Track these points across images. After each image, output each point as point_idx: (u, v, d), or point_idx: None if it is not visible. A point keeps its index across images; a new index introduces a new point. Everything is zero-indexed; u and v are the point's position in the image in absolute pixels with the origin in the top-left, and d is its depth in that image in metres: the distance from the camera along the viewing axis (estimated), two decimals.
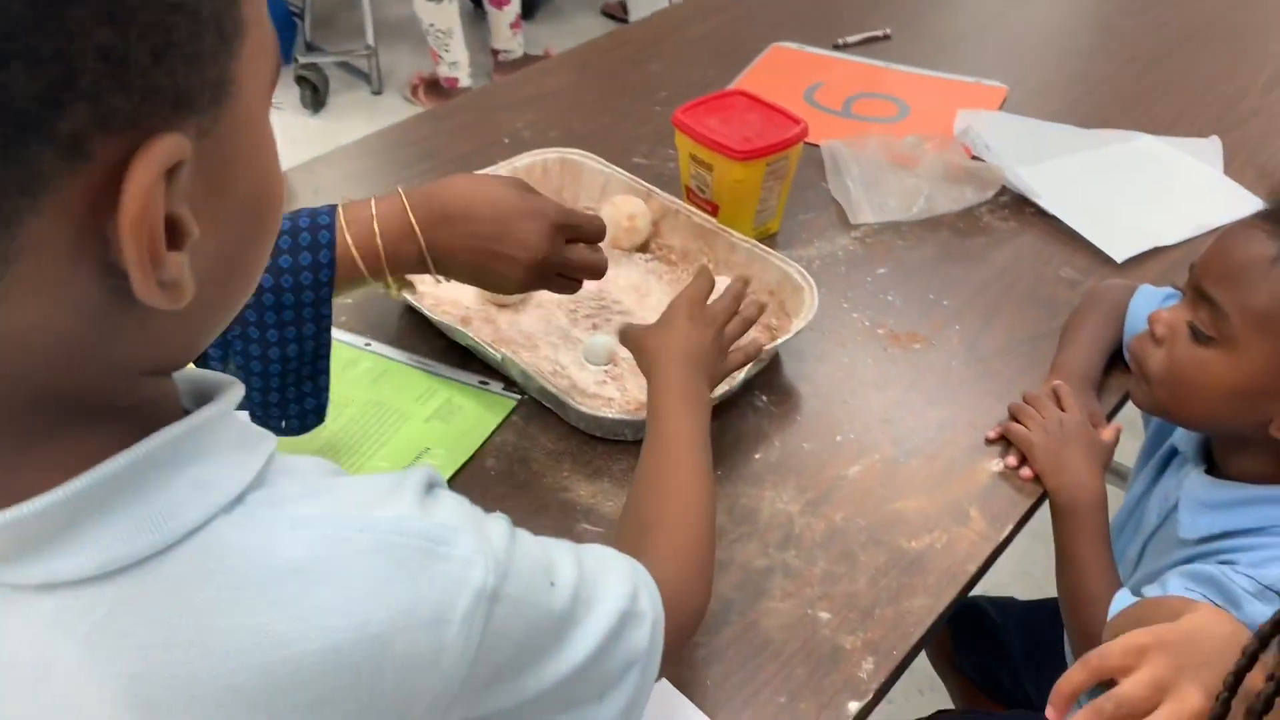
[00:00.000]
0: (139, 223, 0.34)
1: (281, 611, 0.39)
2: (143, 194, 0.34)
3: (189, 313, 0.38)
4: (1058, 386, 0.96)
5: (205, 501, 0.39)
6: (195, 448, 0.40)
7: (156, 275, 0.35)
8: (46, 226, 0.33)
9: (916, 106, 1.46)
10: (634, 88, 1.50)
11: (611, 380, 1.00)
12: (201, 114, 0.36)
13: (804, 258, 1.17)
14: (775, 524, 0.88)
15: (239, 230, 0.41)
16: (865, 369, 1.04)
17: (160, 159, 0.34)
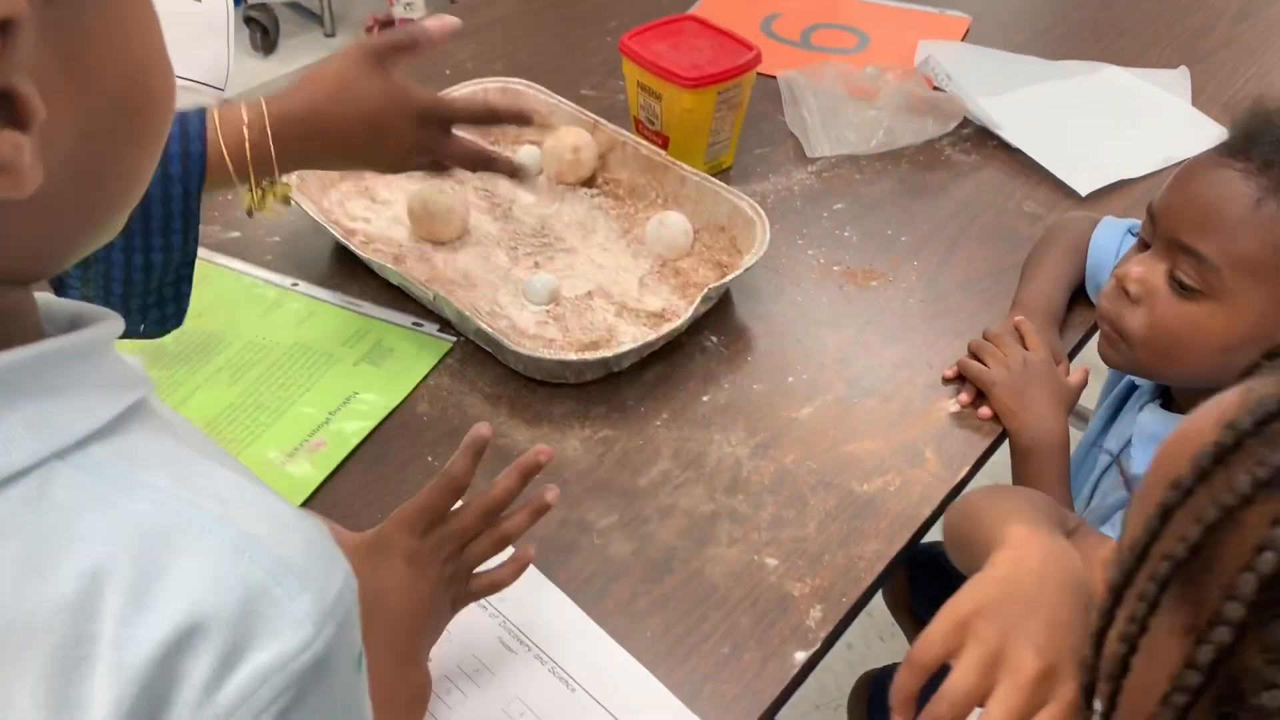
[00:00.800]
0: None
1: None
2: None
3: (49, 211, 0.34)
4: (1020, 322, 0.92)
5: (38, 443, 0.33)
6: (41, 380, 0.34)
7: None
8: None
9: (877, 37, 1.41)
10: (583, 16, 1.43)
11: (553, 320, 0.95)
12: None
13: (758, 193, 1.12)
14: (723, 468, 0.84)
15: (109, 124, 0.35)
16: (820, 308, 0.99)
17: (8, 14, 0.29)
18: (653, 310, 0.96)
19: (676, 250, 1.00)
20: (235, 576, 0.34)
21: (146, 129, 0.37)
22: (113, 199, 0.38)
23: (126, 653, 0.32)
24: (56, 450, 0.33)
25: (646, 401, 0.89)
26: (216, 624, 0.33)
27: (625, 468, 0.84)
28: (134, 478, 0.34)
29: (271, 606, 0.34)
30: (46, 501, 0.33)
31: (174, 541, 0.33)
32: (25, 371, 0.34)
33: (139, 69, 0.36)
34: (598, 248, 1.03)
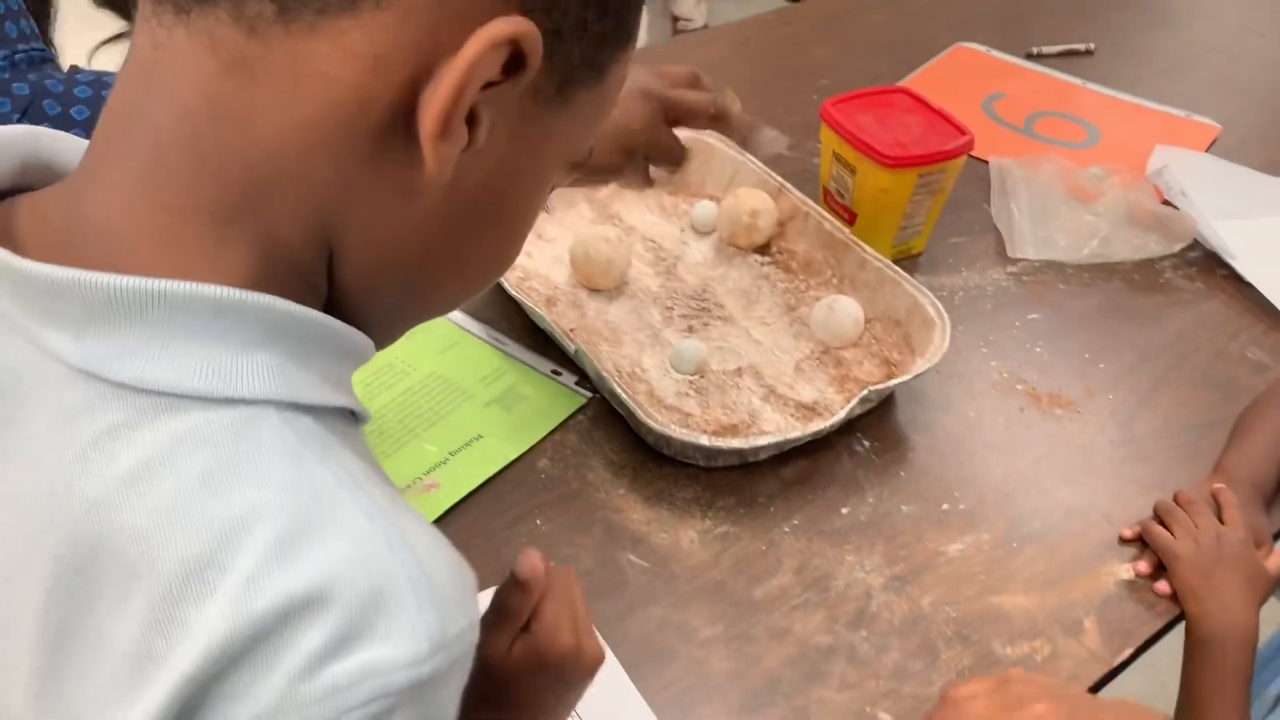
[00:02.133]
0: (474, 59, 0.34)
1: None
2: (484, 45, 0.34)
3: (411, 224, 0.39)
4: (1219, 491, 0.80)
5: (265, 387, 0.35)
6: (301, 343, 0.37)
7: (443, 126, 0.35)
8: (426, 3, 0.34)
9: (1109, 134, 1.28)
10: (794, 71, 1.37)
11: (695, 393, 0.88)
12: (559, 67, 0.37)
13: (946, 286, 1.02)
14: (850, 595, 0.75)
15: (490, 211, 0.40)
16: (993, 428, 0.89)
17: (519, 31, 0.34)
18: (804, 401, 0.88)
19: (842, 339, 0.92)
20: (377, 566, 0.34)
21: (497, 256, 0.44)
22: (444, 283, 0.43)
23: (252, 595, 0.33)
24: (279, 399, 0.36)
25: (778, 501, 0.82)
26: (342, 601, 0.33)
27: (742, 573, 0.76)
28: (328, 452, 0.36)
29: (398, 608, 0.34)
30: (250, 434, 0.35)
31: (337, 514, 0.34)
32: (296, 329, 0.37)
33: (524, 210, 0.42)
34: (757, 321, 0.96)
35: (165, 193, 0.36)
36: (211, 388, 0.35)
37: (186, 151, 0.36)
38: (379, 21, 0.34)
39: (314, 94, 0.35)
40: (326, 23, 0.34)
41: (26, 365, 0.35)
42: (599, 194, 1.07)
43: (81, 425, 0.34)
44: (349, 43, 0.34)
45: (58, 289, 0.34)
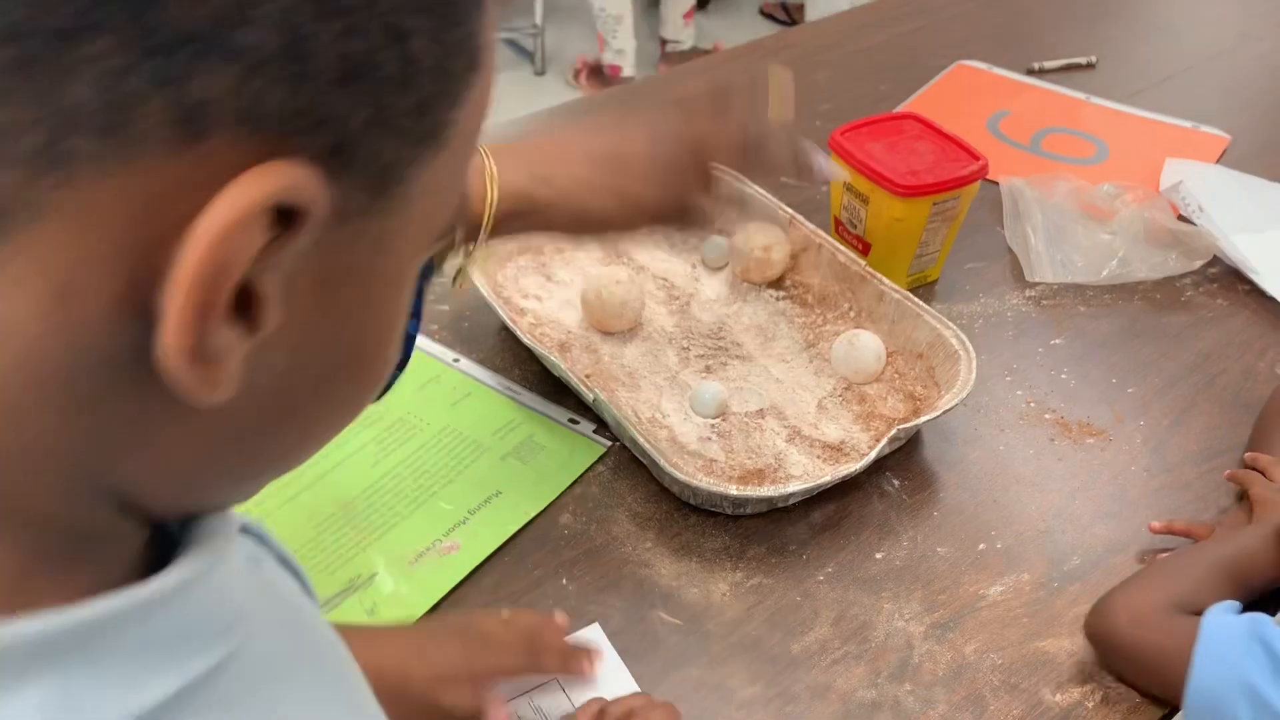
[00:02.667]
0: (213, 250, 0.23)
1: None
2: (238, 215, 0.23)
3: (214, 438, 0.28)
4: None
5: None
6: (83, 647, 0.26)
7: (193, 337, 0.24)
8: (103, 197, 0.23)
9: (1117, 149, 1.27)
10: (795, 96, 1.35)
11: (718, 437, 0.86)
12: (355, 189, 0.26)
13: (965, 314, 1.00)
14: (891, 646, 0.73)
15: (325, 370, 0.29)
16: (1024, 462, 0.87)
17: (275, 183, 0.23)
18: (829, 441, 0.85)
19: (864, 375, 0.90)
20: None
21: (357, 392, 0.32)
22: (284, 451, 0.32)
23: None
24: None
25: (810, 548, 0.79)
26: None
27: (778, 627, 0.74)
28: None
29: None
30: None
31: None
32: (61, 639, 0.26)
33: (375, 333, 0.31)
34: (776, 358, 0.94)
35: None
36: None
37: None
38: (50, 235, 0.23)
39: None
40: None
41: None
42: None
43: None
44: (14, 272, 0.23)
45: None
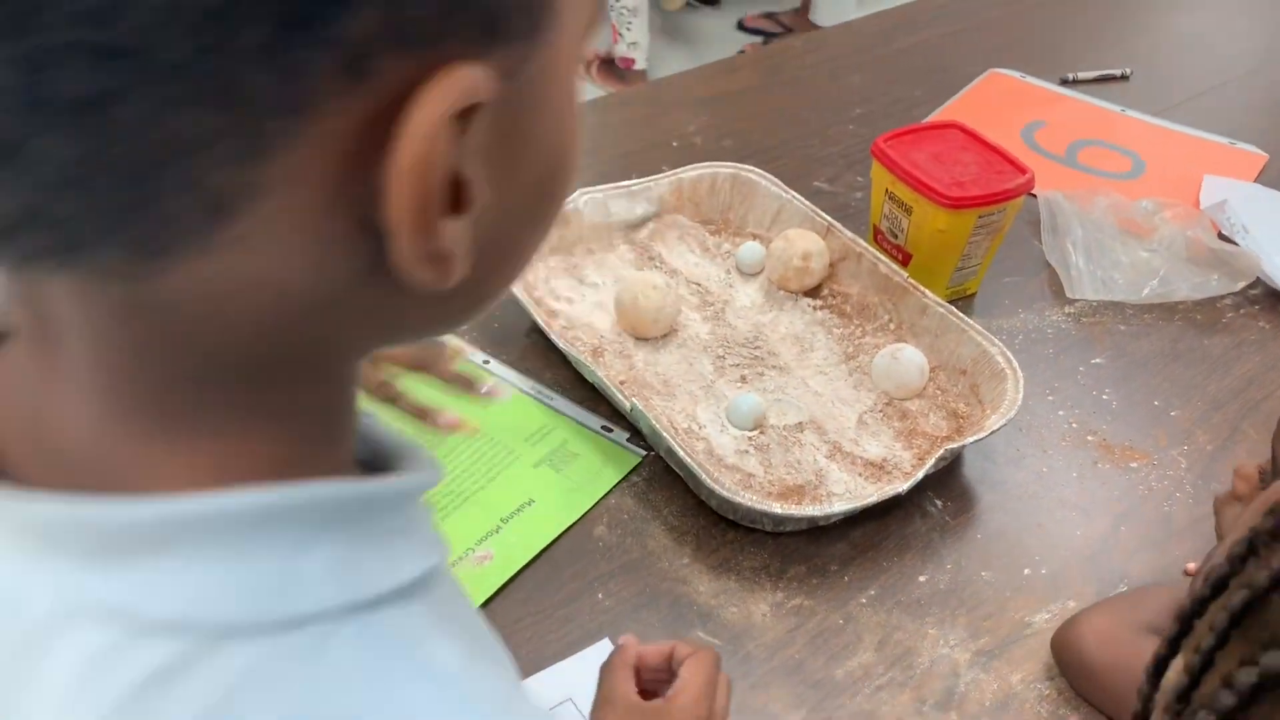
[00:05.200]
0: (416, 172, 0.25)
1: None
2: (426, 135, 0.25)
3: (444, 296, 0.30)
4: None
5: (333, 591, 0.29)
6: (352, 521, 0.31)
7: (426, 244, 0.27)
8: (306, 159, 0.25)
9: (1154, 164, 1.25)
10: (827, 99, 1.33)
11: (756, 450, 0.84)
12: (513, 45, 0.27)
13: (1005, 330, 0.98)
14: (936, 673, 0.71)
15: (526, 205, 0.31)
16: (1067, 485, 0.85)
17: (455, 94, 0.25)
18: (871, 459, 0.83)
19: (907, 390, 0.88)
20: None
21: (552, 209, 0.34)
22: (504, 281, 0.34)
23: None
24: (348, 605, 0.29)
25: (851, 569, 0.77)
26: None
27: (820, 650, 0.72)
28: (418, 658, 0.30)
29: None
30: (323, 662, 0.29)
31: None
32: (341, 508, 0.30)
33: (564, 142, 0.32)
34: (814, 370, 0.92)
35: (130, 415, 0.29)
36: (267, 610, 0.29)
37: (133, 386, 0.29)
38: (274, 205, 0.25)
39: (251, 296, 0.27)
40: (208, 241, 0.25)
41: (30, 593, 0.29)
42: (639, 234, 1.03)
43: (115, 674, 0.28)
44: (256, 240, 0.26)
45: (54, 524, 0.28)
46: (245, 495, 0.29)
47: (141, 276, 0.26)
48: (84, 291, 0.27)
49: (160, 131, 0.23)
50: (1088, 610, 0.72)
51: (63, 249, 0.25)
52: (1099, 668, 0.69)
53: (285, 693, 0.28)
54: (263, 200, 0.25)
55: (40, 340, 0.30)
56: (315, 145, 0.25)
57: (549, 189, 0.32)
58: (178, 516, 0.28)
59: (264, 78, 0.23)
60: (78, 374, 0.29)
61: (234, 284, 0.27)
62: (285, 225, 0.26)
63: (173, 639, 0.28)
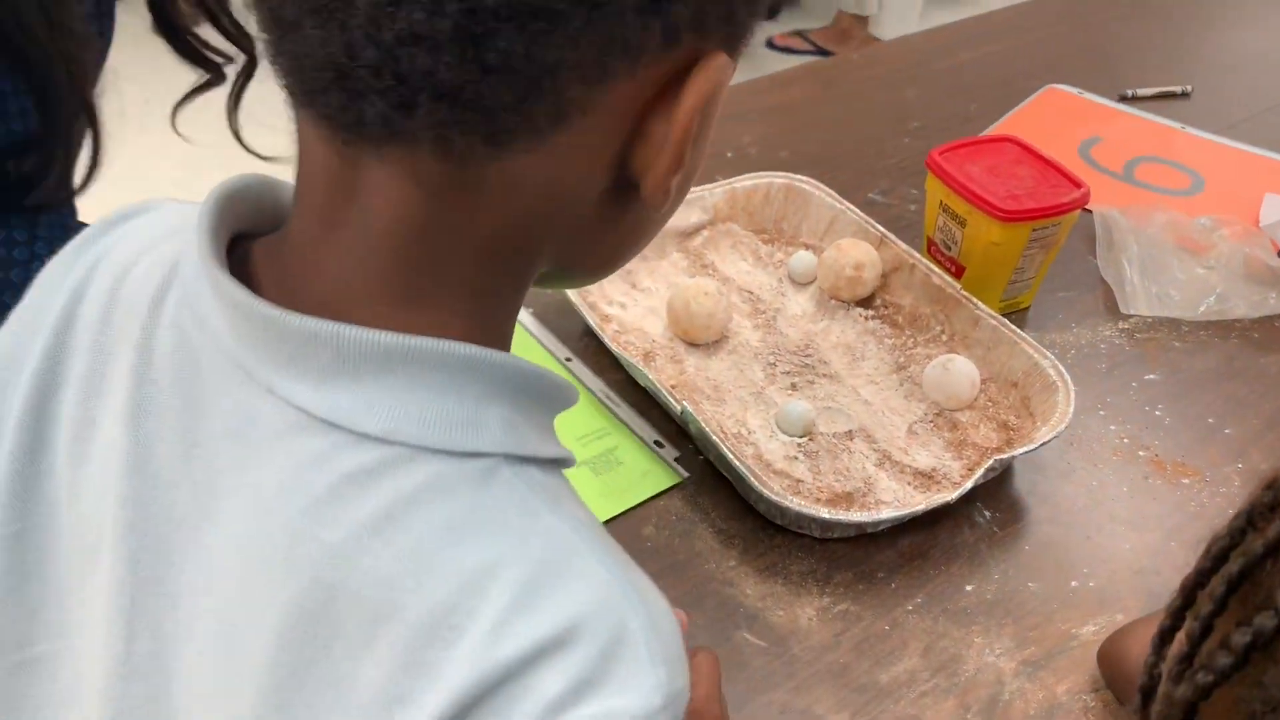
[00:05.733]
0: (690, 121, 0.36)
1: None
2: (700, 95, 0.36)
3: (625, 233, 0.42)
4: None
5: (502, 440, 0.37)
6: (524, 395, 0.38)
7: (671, 175, 0.38)
8: (625, 93, 0.35)
9: (1213, 181, 1.24)
10: (882, 113, 1.33)
11: (805, 457, 0.84)
12: (736, 42, 0.38)
13: (1057, 344, 0.98)
14: (981, 682, 0.71)
15: (691, 167, 0.40)
16: (1118, 499, 0.84)
17: (718, 70, 0.36)
18: (920, 468, 0.84)
19: (957, 401, 0.88)
20: (615, 614, 0.35)
21: (681, 199, 0.43)
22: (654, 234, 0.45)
23: (499, 640, 0.34)
24: (511, 453, 0.37)
25: (898, 576, 0.77)
26: (583, 648, 0.34)
27: (865, 655, 0.72)
28: (558, 503, 0.38)
29: (634, 659, 0.35)
30: (488, 485, 0.36)
31: (575, 563, 0.36)
32: (515, 379, 0.38)
33: (705, 152, 0.41)
34: (864, 379, 0.92)
35: (385, 277, 0.37)
36: (453, 441, 0.36)
37: (401, 254, 0.37)
38: (589, 124, 0.35)
39: (532, 195, 0.36)
40: (540, 141, 0.35)
41: (261, 412, 0.37)
42: (692, 242, 1.04)
43: (322, 472, 0.35)
44: (565, 149, 0.35)
45: (311, 338, 0.36)
46: (457, 345, 0.36)
47: (476, 162, 0.34)
48: (412, 173, 0.35)
49: (562, 49, 0.32)
50: (1135, 623, 0.72)
51: (448, 124, 0.33)
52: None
53: (457, 500, 0.35)
54: (587, 118, 0.35)
55: (331, 215, 0.37)
56: (634, 83, 0.35)
57: (692, 177, 0.41)
58: (402, 348, 0.36)
59: (630, 26, 0.33)
60: (361, 241, 0.36)
61: (530, 180, 0.36)
62: (588, 140, 0.36)
63: (379, 449, 0.35)
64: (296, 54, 0.34)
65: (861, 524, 0.77)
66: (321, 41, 0.32)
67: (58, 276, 0.45)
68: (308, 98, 0.35)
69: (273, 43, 0.34)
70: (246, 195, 0.42)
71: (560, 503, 0.38)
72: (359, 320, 0.36)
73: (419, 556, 0.35)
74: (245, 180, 0.42)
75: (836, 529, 0.78)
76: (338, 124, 0.35)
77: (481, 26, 0.31)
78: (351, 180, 0.36)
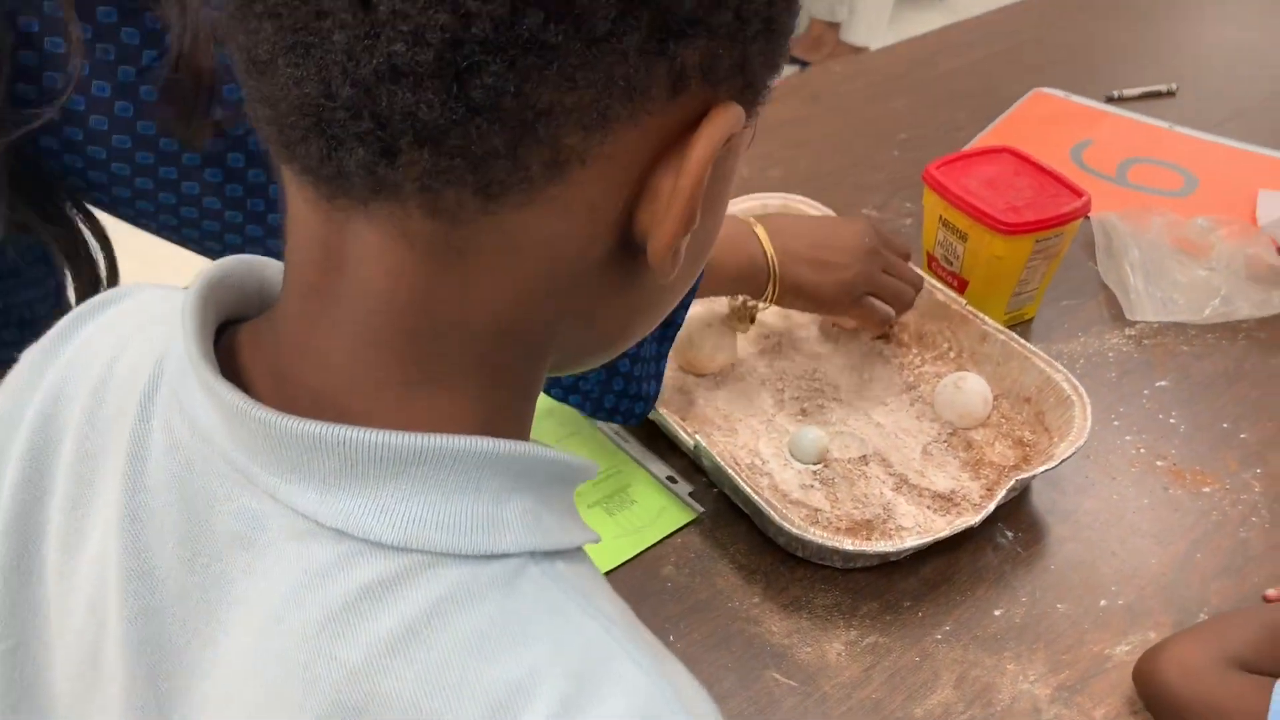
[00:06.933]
0: (699, 177, 0.33)
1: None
2: (710, 149, 0.33)
3: (635, 305, 0.39)
4: None
5: (524, 537, 0.35)
6: (542, 484, 0.36)
7: (679, 238, 0.34)
8: (626, 142, 0.32)
9: (1206, 180, 1.23)
10: (871, 126, 1.32)
11: (821, 484, 0.83)
12: (753, 98, 0.36)
13: (1065, 355, 0.97)
14: (1017, 711, 0.70)
15: (697, 246, 0.37)
16: (1139, 512, 0.83)
17: (732, 121, 0.34)
18: (939, 491, 0.82)
19: (971, 420, 0.87)
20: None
21: (695, 275, 0.40)
22: (669, 303, 0.42)
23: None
24: (536, 550, 0.35)
25: (924, 604, 0.76)
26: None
27: (898, 689, 0.71)
28: (588, 599, 0.35)
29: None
30: (515, 591, 0.34)
31: (611, 667, 0.33)
32: (534, 470, 0.36)
33: (720, 216, 0.39)
34: (874, 401, 0.91)
35: (384, 359, 0.35)
36: (474, 544, 0.34)
37: (401, 331, 0.34)
38: (589, 175, 0.32)
39: (531, 257, 0.34)
40: (535, 194, 0.32)
41: (268, 516, 0.35)
42: None
43: (335, 584, 0.33)
44: (562, 203, 0.33)
45: (314, 444, 0.33)
46: (470, 441, 0.34)
47: (466, 218, 0.32)
48: (399, 233, 0.32)
49: (556, 91, 0.30)
50: (1169, 641, 0.71)
51: (433, 174, 0.30)
52: (1185, 702, 0.67)
53: (482, 609, 0.33)
54: (587, 169, 0.32)
55: (320, 291, 0.35)
56: (638, 132, 0.32)
57: (707, 244, 0.39)
58: (413, 449, 0.33)
59: (631, 70, 0.30)
60: (352, 318, 0.34)
61: (528, 239, 0.33)
62: (587, 195, 0.33)
63: (395, 557, 0.33)
64: (273, 98, 0.31)
65: (885, 554, 0.75)
66: (297, 81, 0.30)
67: (31, 376, 0.42)
68: (288, 150, 0.32)
69: (250, 89, 0.32)
70: (231, 280, 0.39)
71: (591, 598, 0.35)
72: (362, 413, 0.34)
73: (445, 676, 0.32)
74: (230, 265, 0.39)
75: (860, 559, 0.77)
76: (320, 178, 0.32)
77: (467, 59, 0.29)
78: (341, 247, 0.33)
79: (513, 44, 0.29)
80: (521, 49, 0.29)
